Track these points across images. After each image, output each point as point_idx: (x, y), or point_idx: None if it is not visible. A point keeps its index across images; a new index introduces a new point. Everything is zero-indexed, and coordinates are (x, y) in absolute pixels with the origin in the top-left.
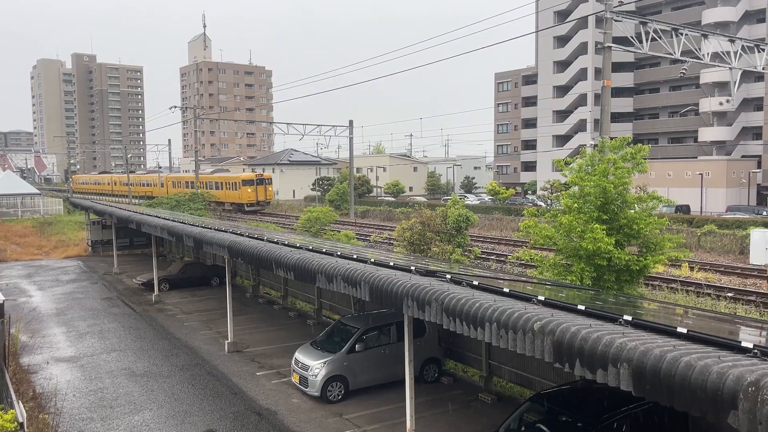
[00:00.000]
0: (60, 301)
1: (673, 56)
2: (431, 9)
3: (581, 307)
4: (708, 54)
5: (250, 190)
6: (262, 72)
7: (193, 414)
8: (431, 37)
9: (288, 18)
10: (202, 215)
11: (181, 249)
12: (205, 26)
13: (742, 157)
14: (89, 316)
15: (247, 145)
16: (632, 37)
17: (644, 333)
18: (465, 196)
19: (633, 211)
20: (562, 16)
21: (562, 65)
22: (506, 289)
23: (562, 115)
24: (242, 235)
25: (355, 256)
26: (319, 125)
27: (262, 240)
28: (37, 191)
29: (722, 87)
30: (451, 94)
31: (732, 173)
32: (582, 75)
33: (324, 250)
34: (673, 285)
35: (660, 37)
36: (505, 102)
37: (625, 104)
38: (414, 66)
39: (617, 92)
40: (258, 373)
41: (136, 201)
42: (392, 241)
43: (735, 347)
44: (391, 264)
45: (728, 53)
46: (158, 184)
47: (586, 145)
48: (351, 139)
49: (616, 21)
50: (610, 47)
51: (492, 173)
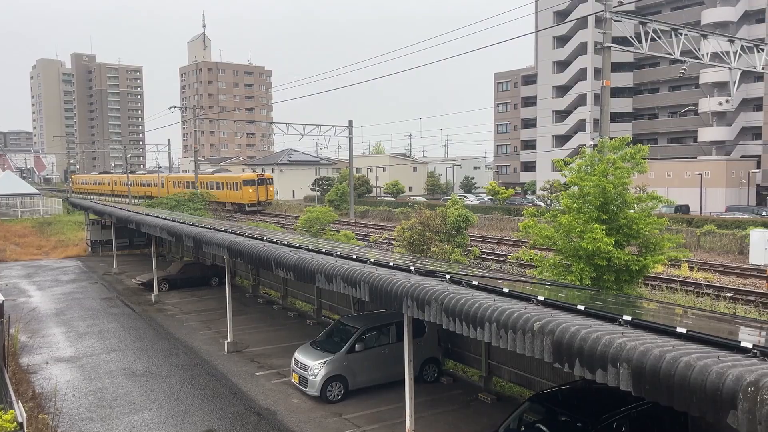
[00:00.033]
0: (59, 301)
1: (672, 56)
2: (431, 9)
3: (581, 307)
4: (707, 54)
5: (251, 190)
6: (261, 72)
7: (193, 414)
8: (431, 37)
9: (288, 18)
10: (202, 215)
11: (181, 249)
12: (204, 26)
13: (742, 157)
14: (89, 316)
15: (246, 145)
16: (632, 37)
17: (644, 333)
18: (464, 196)
19: (632, 211)
20: (562, 16)
21: (561, 65)
22: (506, 289)
23: (561, 115)
24: (242, 235)
25: (354, 256)
26: (318, 125)
27: (262, 240)
28: (37, 191)
29: (722, 87)
30: (451, 94)
31: (731, 173)
32: (581, 75)
33: (323, 250)
34: (672, 285)
35: (659, 37)
36: (505, 102)
37: (625, 104)
38: (414, 66)
39: (617, 92)
40: (257, 373)
41: (136, 201)
42: (392, 241)
43: (734, 347)
44: (391, 264)
45: (727, 53)
46: (159, 184)
47: (585, 145)
48: (350, 139)
49: (616, 21)
50: (610, 47)
51: (491, 173)
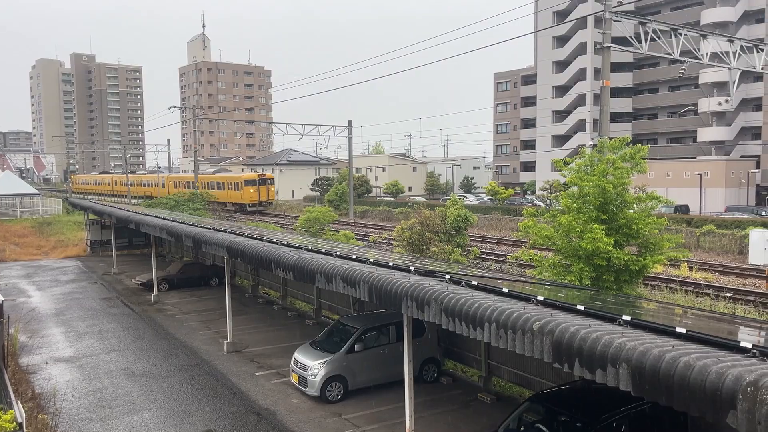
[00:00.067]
0: (59, 302)
1: (672, 56)
2: (431, 9)
3: (580, 307)
4: (707, 54)
5: (252, 190)
6: (261, 72)
7: (193, 414)
8: (431, 37)
9: (288, 18)
10: (201, 215)
11: (180, 249)
12: (204, 26)
13: (741, 157)
14: (88, 317)
15: (246, 145)
16: (631, 38)
17: (643, 333)
18: (464, 196)
19: (632, 211)
20: (561, 16)
21: (561, 65)
22: (505, 289)
23: (561, 115)
24: (241, 235)
25: (354, 256)
26: (318, 125)
27: (261, 240)
28: (36, 191)
29: (721, 87)
30: (451, 94)
31: (731, 173)
32: (581, 75)
33: (323, 250)
34: (672, 285)
35: (659, 38)
36: (505, 102)
37: (624, 104)
38: (413, 66)
39: (616, 92)
40: (257, 373)
41: (135, 201)
42: (391, 241)
43: (734, 347)
44: (391, 264)
45: (727, 53)
46: (159, 185)
47: (585, 145)
48: (350, 139)
49: (615, 21)
50: (609, 47)
51: (491, 173)
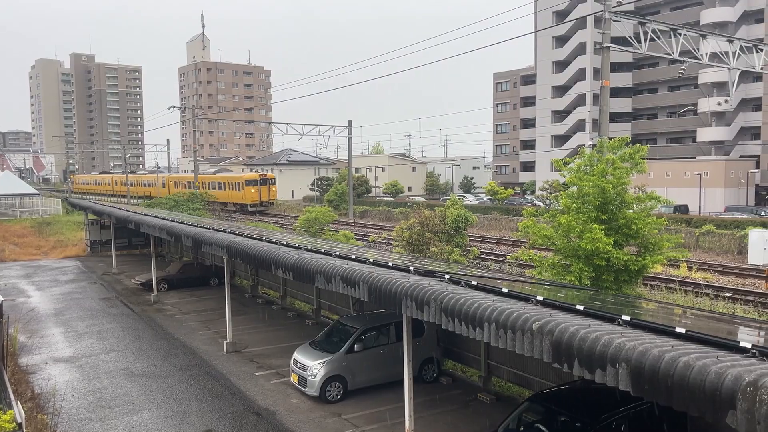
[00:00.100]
0: (58, 302)
1: (671, 56)
2: (431, 9)
3: (580, 307)
4: (706, 54)
5: (253, 190)
6: (260, 72)
7: (192, 414)
8: (430, 37)
9: (288, 18)
10: (201, 215)
11: (180, 249)
12: (203, 26)
13: (741, 157)
14: (88, 317)
15: (245, 145)
16: (631, 38)
17: (643, 333)
18: (464, 196)
19: (631, 211)
20: (561, 16)
21: (560, 65)
22: (505, 289)
23: (560, 115)
24: (241, 235)
25: (353, 257)
26: (317, 125)
27: (261, 240)
28: (36, 191)
29: (721, 87)
30: (450, 94)
31: (730, 173)
32: (581, 75)
33: (323, 250)
34: (671, 285)
35: (658, 38)
36: (504, 102)
37: (624, 104)
38: (413, 66)
39: (616, 92)
40: (257, 374)
41: (135, 201)
42: (391, 242)
43: (733, 347)
44: (390, 264)
45: (726, 53)
46: (160, 185)
47: (584, 145)
48: (350, 139)
49: (615, 21)
50: (609, 47)
51: (491, 173)
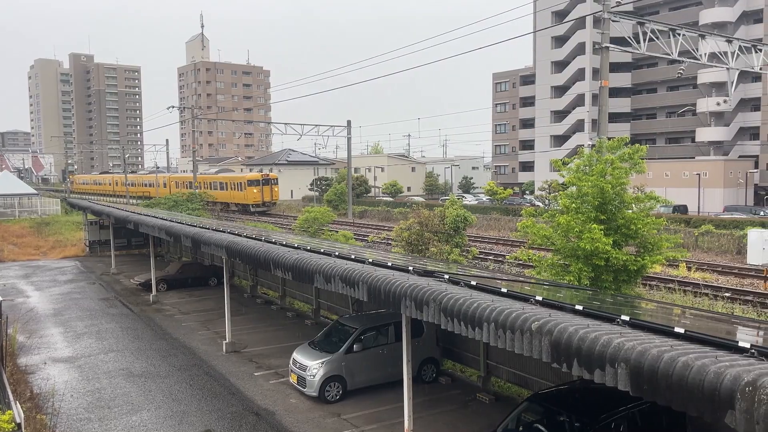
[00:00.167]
0: (57, 302)
1: (670, 56)
2: (431, 9)
3: (579, 307)
4: (705, 54)
5: (255, 190)
6: (260, 72)
7: (191, 414)
8: (430, 37)
9: (288, 18)
10: (200, 215)
11: (179, 249)
12: (203, 26)
13: (740, 157)
14: (87, 317)
15: (244, 145)
16: (630, 38)
17: (642, 333)
18: (463, 197)
19: (631, 211)
20: (560, 16)
21: (559, 65)
22: (504, 289)
23: (559, 116)
24: (240, 236)
25: (353, 257)
26: (316, 125)
27: (260, 240)
28: (35, 191)
29: (719, 87)
30: (450, 94)
31: (729, 173)
32: (580, 75)
33: (322, 250)
34: (670, 285)
35: (657, 38)
36: (503, 102)
37: (623, 104)
38: (412, 66)
39: (615, 92)
40: (256, 374)
41: (134, 202)
42: (390, 242)
43: (732, 347)
44: (389, 264)
45: (725, 53)
46: (160, 185)
47: (583, 146)
48: (349, 139)
49: (614, 21)
50: (608, 47)
51: (490, 173)
